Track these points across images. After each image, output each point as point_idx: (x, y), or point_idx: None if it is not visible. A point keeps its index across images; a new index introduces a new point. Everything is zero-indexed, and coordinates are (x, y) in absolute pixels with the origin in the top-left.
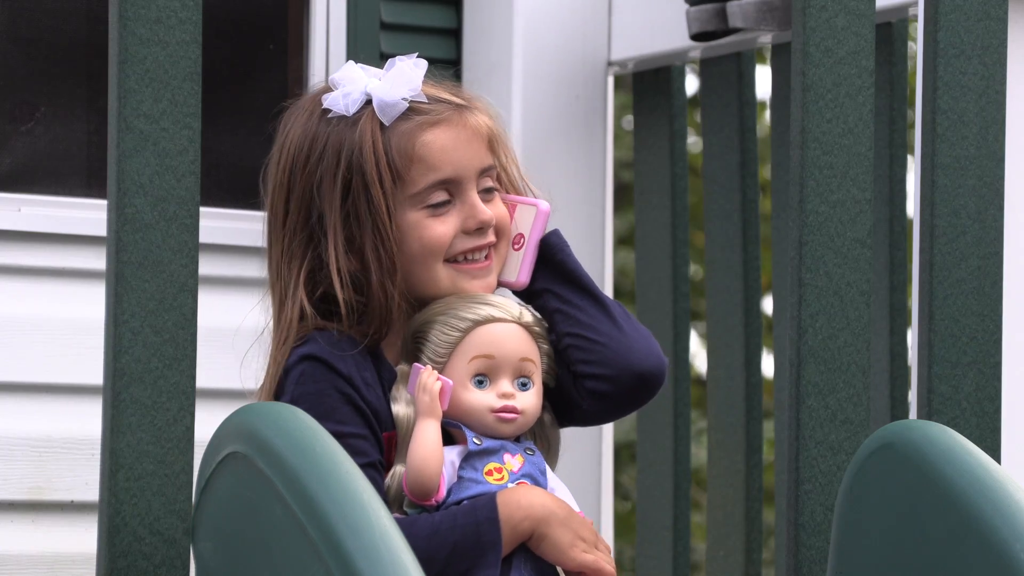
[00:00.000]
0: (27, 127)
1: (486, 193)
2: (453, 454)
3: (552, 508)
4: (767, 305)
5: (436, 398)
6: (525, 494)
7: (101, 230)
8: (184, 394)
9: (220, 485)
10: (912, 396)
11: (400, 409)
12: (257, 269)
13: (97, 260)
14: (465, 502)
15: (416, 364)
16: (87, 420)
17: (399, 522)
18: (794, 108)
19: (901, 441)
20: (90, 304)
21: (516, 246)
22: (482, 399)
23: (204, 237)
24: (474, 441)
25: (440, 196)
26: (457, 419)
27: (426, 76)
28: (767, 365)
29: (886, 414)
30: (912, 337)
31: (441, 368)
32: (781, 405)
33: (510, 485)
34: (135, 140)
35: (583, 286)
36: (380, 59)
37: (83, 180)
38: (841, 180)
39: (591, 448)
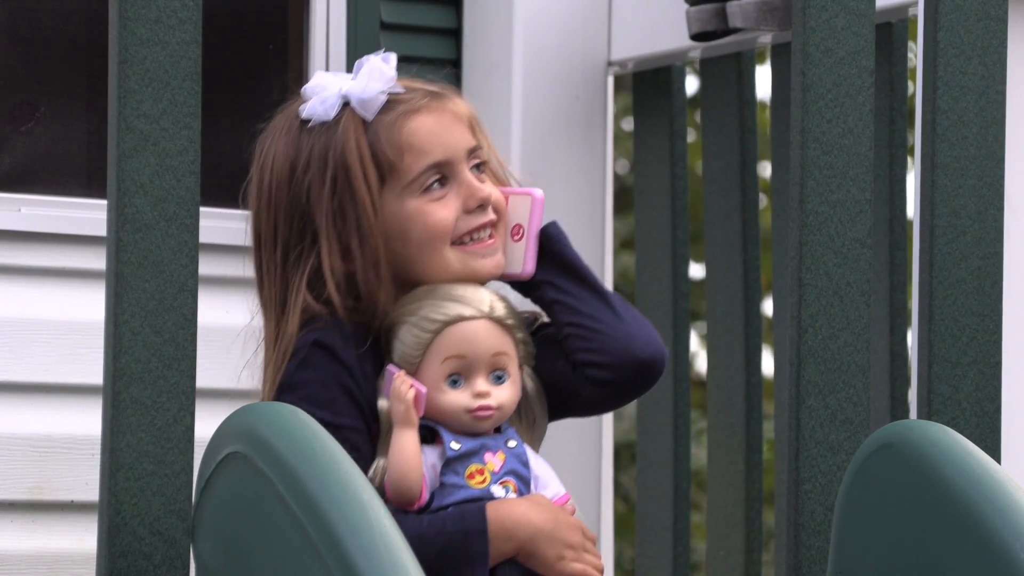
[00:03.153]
0: (27, 127)
1: (477, 171)
2: (434, 456)
3: (538, 526)
4: (767, 305)
5: (411, 407)
6: (511, 513)
7: (101, 230)
8: (184, 394)
9: (220, 485)
10: (912, 396)
11: (384, 404)
12: None
13: (97, 260)
14: (451, 509)
15: (389, 367)
16: (87, 420)
17: None
18: (794, 108)
19: (901, 441)
20: (90, 304)
21: (516, 237)
22: (457, 400)
23: (204, 237)
24: (451, 447)
25: (435, 177)
26: (434, 420)
27: (398, 70)
28: (767, 365)
29: (886, 414)
30: (912, 337)
31: (414, 370)
32: (781, 405)
33: (493, 486)
34: (135, 140)
35: (581, 276)
36: None
37: (83, 180)
38: (841, 180)
39: (591, 448)
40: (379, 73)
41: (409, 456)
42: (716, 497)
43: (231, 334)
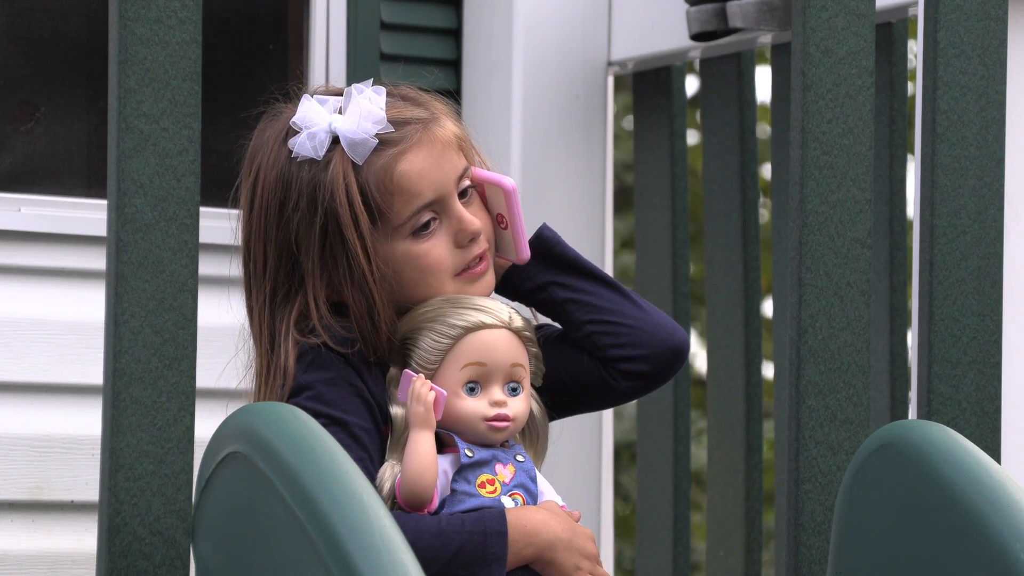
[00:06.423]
0: (27, 127)
1: (465, 196)
2: (446, 463)
3: (557, 534)
4: (767, 306)
5: (431, 409)
6: (531, 519)
7: (101, 230)
8: (184, 394)
9: (220, 485)
10: (912, 396)
11: (397, 410)
12: None
13: (97, 260)
14: (465, 513)
15: (407, 371)
16: (87, 420)
17: (406, 518)
18: (794, 108)
19: (901, 441)
20: (90, 304)
21: (501, 225)
22: (474, 407)
23: (204, 237)
24: (466, 454)
25: (426, 217)
26: (448, 427)
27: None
28: (767, 365)
29: (886, 414)
30: (912, 337)
31: (432, 375)
32: (781, 405)
33: (503, 497)
34: (135, 140)
35: (589, 271)
36: (380, 59)
37: (83, 180)
38: (841, 180)
39: (591, 448)
40: (369, 113)
41: (426, 457)
42: (716, 497)
43: (231, 334)
